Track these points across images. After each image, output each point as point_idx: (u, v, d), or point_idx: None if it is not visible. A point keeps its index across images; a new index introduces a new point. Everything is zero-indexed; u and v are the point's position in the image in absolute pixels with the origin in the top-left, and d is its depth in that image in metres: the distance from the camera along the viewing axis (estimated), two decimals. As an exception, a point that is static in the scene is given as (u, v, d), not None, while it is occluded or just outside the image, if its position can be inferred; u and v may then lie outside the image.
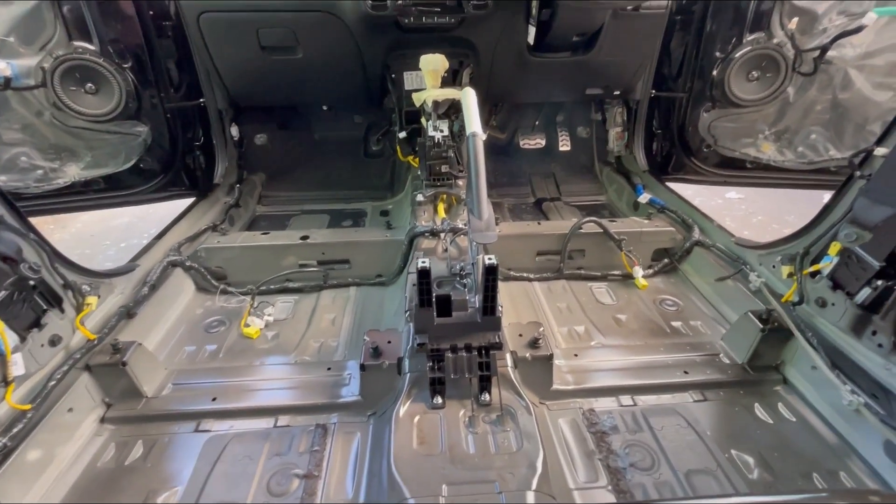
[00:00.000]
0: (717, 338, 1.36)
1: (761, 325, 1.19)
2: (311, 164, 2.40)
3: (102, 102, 1.59)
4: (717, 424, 1.11)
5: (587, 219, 1.62)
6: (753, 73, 1.83)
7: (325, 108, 2.34)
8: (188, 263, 1.54)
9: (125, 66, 1.58)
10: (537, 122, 2.42)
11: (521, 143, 2.39)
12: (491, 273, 0.95)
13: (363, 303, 1.56)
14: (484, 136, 1.08)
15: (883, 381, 1.01)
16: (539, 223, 1.71)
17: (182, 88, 1.83)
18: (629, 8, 1.60)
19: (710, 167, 2.17)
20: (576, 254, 1.71)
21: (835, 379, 1.05)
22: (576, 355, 1.28)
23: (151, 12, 1.64)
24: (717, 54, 1.85)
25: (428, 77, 1.50)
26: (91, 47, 1.52)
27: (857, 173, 1.01)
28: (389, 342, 1.14)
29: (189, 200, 1.94)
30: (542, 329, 1.19)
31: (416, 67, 1.59)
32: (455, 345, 1.02)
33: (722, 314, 1.46)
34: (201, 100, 1.88)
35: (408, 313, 1.16)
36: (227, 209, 1.89)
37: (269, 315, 1.47)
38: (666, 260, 1.69)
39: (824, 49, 1.69)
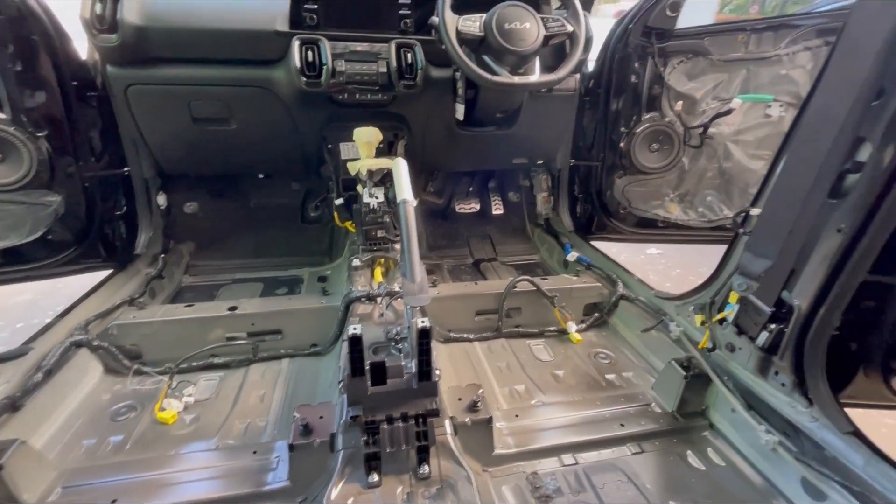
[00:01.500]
0: (648, 387, 1.41)
1: (684, 373, 1.26)
2: (245, 231, 2.34)
3: (8, 171, 1.49)
4: (654, 477, 1.12)
5: (521, 277, 1.69)
6: (654, 145, 2.10)
7: (261, 176, 2.33)
8: (96, 343, 1.39)
9: (39, 134, 1.51)
10: (471, 189, 2.56)
11: (457, 207, 2.50)
12: (424, 336, 0.95)
13: (297, 375, 1.47)
14: (414, 203, 1.12)
15: (791, 419, 1.09)
16: (476, 283, 1.75)
17: (104, 157, 1.76)
18: (543, 91, 1.80)
19: (628, 227, 2.39)
20: (513, 312, 1.75)
21: (751, 420, 1.12)
22: (517, 416, 1.27)
23: (75, 82, 1.61)
24: (622, 129, 2.11)
25: (362, 148, 1.56)
26: (2, 116, 1.45)
27: (741, 230, 1.16)
28: (321, 417, 1.07)
29: (105, 273, 1.79)
30: (480, 391, 1.18)
31: (351, 139, 1.65)
32: (391, 415, 0.98)
33: (650, 364, 1.54)
34: (125, 169, 1.81)
35: (341, 384, 1.11)
36: (148, 281, 1.77)
37: (189, 396, 1.34)
38: (596, 314, 1.77)
39: (705, 127, 1.99)
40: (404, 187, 1.14)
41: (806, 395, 1.06)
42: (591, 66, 2.15)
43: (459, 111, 1.77)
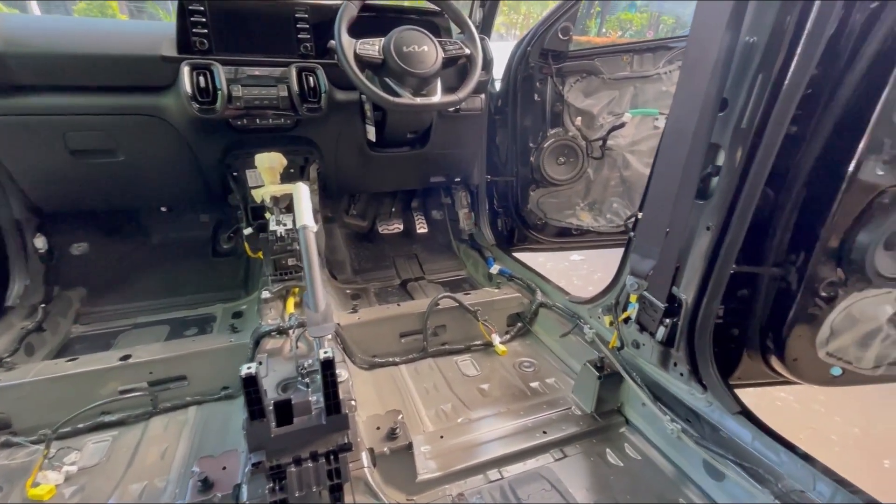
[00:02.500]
0: (569, 391, 1.45)
1: (597, 374, 1.31)
2: (148, 270, 2.14)
3: None
4: (577, 480, 1.14)
5: (443, 295, 1.69)
6: (560, 158, 2.22)
7: (163, 209, 2.16)
8: (-53, 417, 1.18)
9: None
10: (394, 209, 2.55)
11: (381, 229, 2.47)
12: (328, 368, 0.91)
13: (204, 424, 1.34)
14: (315, 228, 1.09)
15: (691, 406, 1.17)
16: (399, 304, 1.72)
17: None
18: (451, 111, 1.85)
19: (548, 236, 2.50)
20: (440, 329, 1.74)
21: (657, 411, 1.18)
22: (442, 437, 1.25)
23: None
24: (531, 144, 2.22)
25: (265, 175, 1.50)
26: None
27: (632, 233, 1.25)
28: (224, 468, 0.98)
29: (-34, 332, 1.54)
30: (400, 416, 1.15)
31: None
32: (299, 456, 0.92)
33: (571, 367, 1.59)
34: None
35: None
36: (23, 337, 1.55)
37: (71, 464, 1.17)
38: (519, 324, 1.81)
39: (604, 139, 2.14)
40: (304, 213, 1.10)
41: (701, 381, 1.14)
42: (497, 85, 2.25)
43: (370, 132, 1.76)
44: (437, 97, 1.51)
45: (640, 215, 1.18)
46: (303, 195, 1.14)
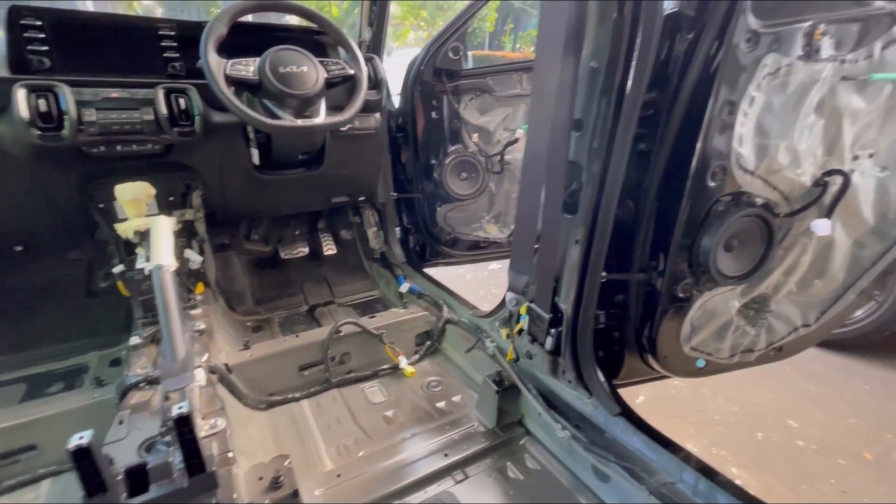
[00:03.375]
0: (474, 408, 1.45)
1: (496, 388, 1.32)
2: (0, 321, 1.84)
3: None
4: (477, 500, 1.13)
5: (343, 321, 1.63)
6: (462, 174, 2.27)
7: (18, 248, 1.87)
8: None
9: None
10: (298, 232, 2.44)
11: (283, 254, 2.35)
12: (184, 425, 0.81)
13: (63, 497, 1.16)
14: (172, 267, 0.99)
15: (581, 411, 1.21)
16: (297, 336, 1.63)
17: None
18: (343, 130, 1.81)
19: (460, 250, 2.53)
20: (346, 357, 1.67)
21: (549, 419, 1.21)
22: (339, 475, 1.18)
23: None
24: (433, 161, 2.24)
25: (128, 207, 1.35)
26: None
27: (516, 249, 1.28)
28: (67, 555, 0.84)
29: None
30: (287, 462, 1.07)
31: (124, 196, 1.42)
32: (155, 528, 0.81)
33: (477, 383, 1.59)
34: None
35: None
36: None
37: None
38: (428, 342, 1.80)
39: (501, 155, 2.22)
40: (161, 250, 1.00)
41: (586, 386, 1.19)
42: (396, 103, 2.25)
43: (255, 156, 1.66)
44: (321, 118, 1.46)
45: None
46: (161, 230, 1.04)
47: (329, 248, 2.44)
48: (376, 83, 1.83)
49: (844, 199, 1.11)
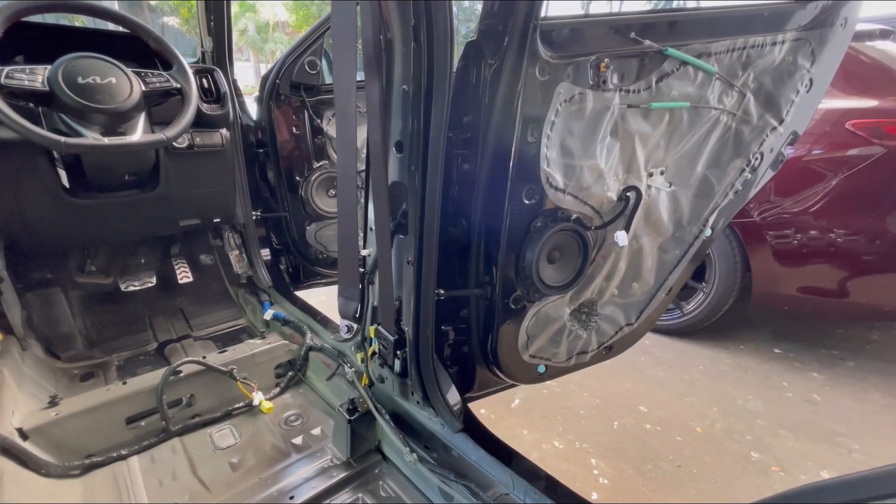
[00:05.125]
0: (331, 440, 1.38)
1: (347, 416, 1.27)
2: None
3: None
4: (322, 543, 1.07)
5: (182, 361, 1.46)
6: (331, 191, 2.19)
7: None
8: None
9: None
10: (143, 260, 2.16)
11: (124, 286, 2.06)
12: None
13: None
14: None
15: (432, 431, 1.21)
16: (124, 382, 1.42)
17: None
18: (180, 147, 1.63)
19: (337, 270, 2.43)
20: (193, 399, 1.50)
21: (398, 442, 1.19)
22: (160, 544, 1.04)
23: None
24: (298, 178, 2.13)
25: None
26: None
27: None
28: None
29: None
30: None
31: None
32: None
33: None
34: None
35: None
36: None
37: None
38: (291, 373, 1.68)
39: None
40: None
41: (433, 405, 1.18)
42: (254, 116, 2.11)
43: (63, 177, 1.43)
44: (137, 136, 1.30)
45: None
46: None
47: (185, 276, 2.19)
48: (218, 97, 1.69)
49: (647, 210, 1.25)
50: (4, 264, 1.55)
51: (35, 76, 1.18)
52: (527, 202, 1.07)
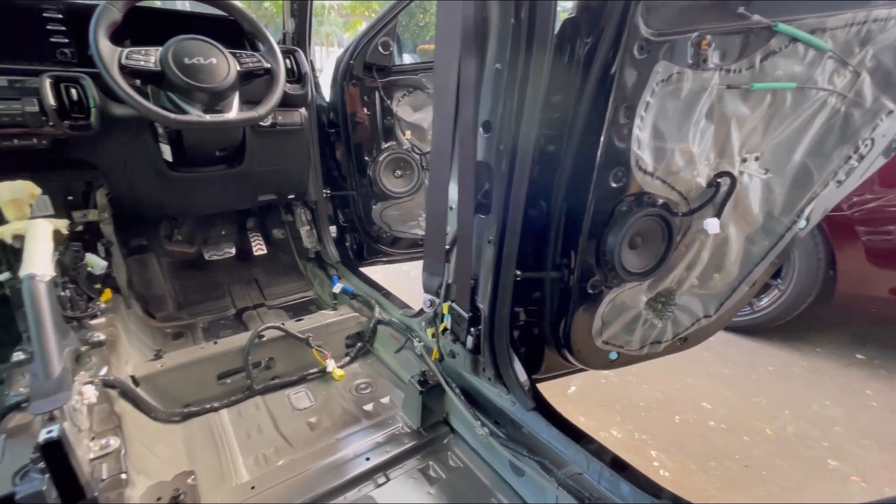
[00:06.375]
0: (401, 409, 1.45)
1: (419, 388, 1.32)
2: None
3: None
4: (397, 503, 1.13)
5: (265, 326, 1.56)
6: (397, 171, 2.24)
7: None
8: None
9: None
10: (224, 232, 2.32)
11: (207, 255, 2.22)
12: (53, 451, 0.74)
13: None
14: (46, 278, 0.90)
15: (501, 407, 1.24)
16: (215, 342, 1.55)
17: None
18: (264, 125, 1.72)
19: (399, 249, 2.50)
20: (271, 362, 1.61)
21: (469, 416, 1.22)
22: (253, 487, 1.14)
23: None
24: (367, 158, 2.19)
25: (7, 209, 1.22)
26: None
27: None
28: None
29: None
30: (191, 478, 1.01)
31: (10, 195, 1.28)
32: (23, 565, 0.74)
33: (406, 383, 1.59)
34: None
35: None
36: None
37: None
38: (360, 344, 1.77)
39: (435, 152, 2.21)
40: (34, 258, 0.91)
41: (504, 383, 1.21)
42: (327, 97, 2.18)
43: (166, 152, 1.55)
44: (233, 114, 1.38)
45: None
46: (36, 235, 0.94)
47: (259, 249, 2.34)
48: (299, 77, 1.76)
49: (736, 199, 1.19)
50: (113, 230, 1.72)
51: (149, 57, 1.28)
52: (613, 185, 1.05)
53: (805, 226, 1.30)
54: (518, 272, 1.13)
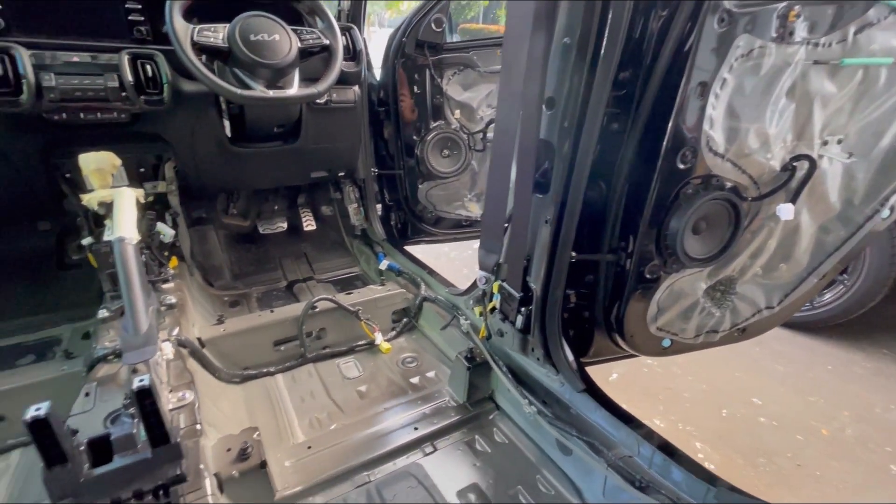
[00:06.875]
0: (447, 383, 1.48)
1: (467, 364, 1.34)
2: (-36, 292, 1.80)
3: None
4: (445, 472, 1.16)
5: (318, 298, 1.63)
6: (444, 151, 2.24)
7: None
8: None
9: None
10: (277, 207, 2.40)
11: (261, 229, 2.32)
12: (145, 397, 0.81)
13: (30, 470, 1.16)
14: (134, 240, 0.97)
15: (548, 387, 1.24)
16: (272, 311, 1.63)
17: None
18: (320, 103, 1.76)
19: (443, 229, 2.52)
20: (322, 333, 1.68)
21: (517, 395, 1.24)
22: (310, 447, 1.20)
23: None
24: (415, 137, 2.20)
25: (92, 178, 1.31)
26: None
27: (490, 227, 1.28)
28: (31, 522, 0.85)
29: None
30: (256, 434, 1.08)
31: (93, 165, 1.38)
32: (118, 497, 0.82)
33: (451, 359, 1.62)
34: None
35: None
36: None
37: None
38: (405, 319, 1.81)
39: (484, 132, 2.19)
40: (123, 222, 0.98)
41: (553, 363, 1.21)
42: (378, 75, 2.19)
43: (228, 127, 1.62)
44: (294, 90, 1.42)
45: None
46: (124, 202, 1.02)
47: (309, 224, 2.42)
48: (354, 54, 1.77)
49: (812, 184, 1.12)
50: (179, 202, 1.82)
51: (217, 33, 1.33)
52: (680, 167, 1.01)
53: (888, 216, 1.21)
54: (573, 253, 1.12)
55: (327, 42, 1.49)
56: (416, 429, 1.27)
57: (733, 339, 1.33)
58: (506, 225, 1.18)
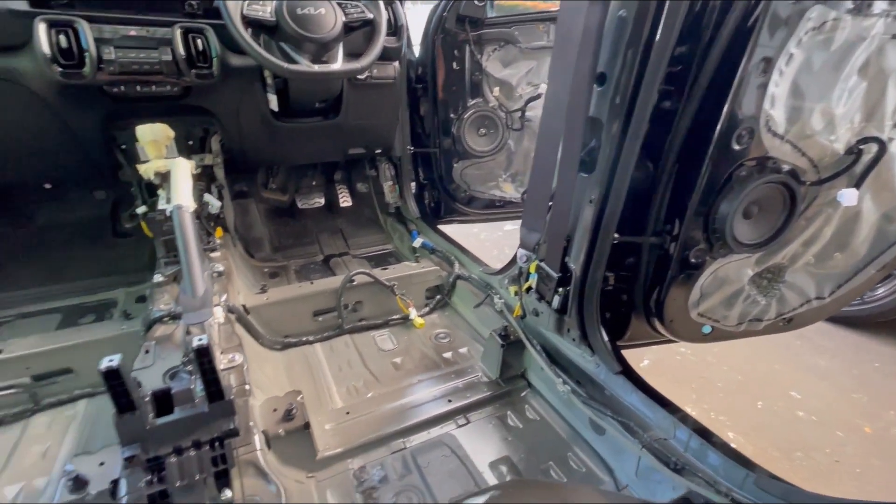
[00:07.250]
0: (479, 359, 1.50)
1: (501, 342, 1.36)
2: (33, 255, 1.94)
3: None
4: (476, 444, 1.20)
5: (357, 271, 1.67)
6: (481, 129, 2.22)
7: (47, 186, 1.94)
8: None
9: None
10: (315, 182, 2.45)
11: (300, 203, 2.37)
12: (203, 355, 0.87)
13: (95, 418, 1.26)
14: (191, 208, 1.02)
15: (582, 367, 1.25)
16: (312, 282, 1.68)
17: None
18: (362, 79, 1.77)
19: (475, 209, 2.52)
20: (358, 305, 1.73)
21: (551, 374, 1.25)
22: (348, 413, 1.26)
23: None
24: (452, 115, 2.19)
25: (149, 149, 1.37)
26: None
27: (530, 207, 1.27)
28: (102, 464, 0.94)
29: None
30: (300, 397, 1.14)
31: (147, 137, 1.44)
32: (179, 446, 0.89)
33: (483, 336, 1.64)
34: None
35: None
36: None
37: (-69, 472, 1.07)
38: (438, 296, 1.84)
39: (522, 110, 2.15)
40: (180, 191, 1.03)
41: (589, 345, 1.21)
42: (416, 52, 2.18)
43: (272, 101, 1.65)
44: (338, 64, 1.43)
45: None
46: (180, 172, 1.07)
47: (345, 200, 2.46)
48: (396, 29, 1.76)
49: (878, 169, 1.06)
50: (224, 174, 1.88)
51: (265, 7, 1.35)
52: (735, 148, 0.97)
53: (961, 205, 1.13)
54: (616, 235, 1.10)
55: (371, 16, 1.48)
56: (449, 401, 1.30)
57: (778, 329, 1.29)
58: (549, 203, 1.17)
